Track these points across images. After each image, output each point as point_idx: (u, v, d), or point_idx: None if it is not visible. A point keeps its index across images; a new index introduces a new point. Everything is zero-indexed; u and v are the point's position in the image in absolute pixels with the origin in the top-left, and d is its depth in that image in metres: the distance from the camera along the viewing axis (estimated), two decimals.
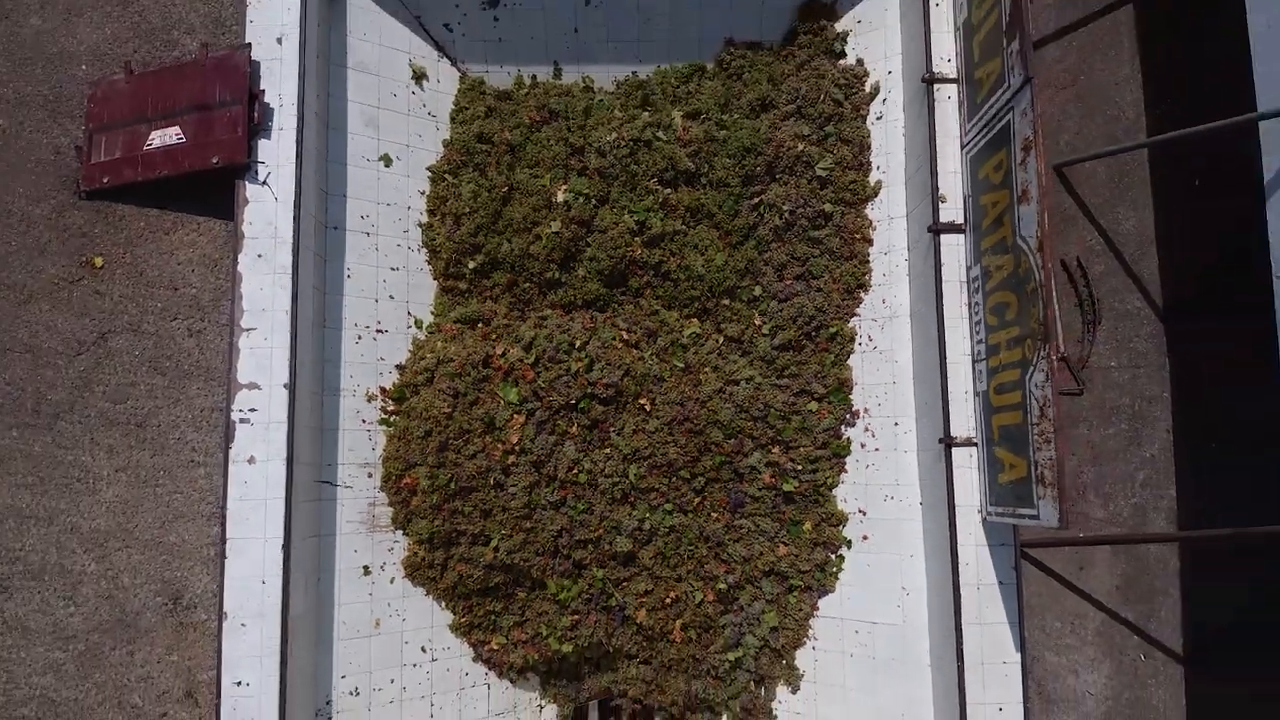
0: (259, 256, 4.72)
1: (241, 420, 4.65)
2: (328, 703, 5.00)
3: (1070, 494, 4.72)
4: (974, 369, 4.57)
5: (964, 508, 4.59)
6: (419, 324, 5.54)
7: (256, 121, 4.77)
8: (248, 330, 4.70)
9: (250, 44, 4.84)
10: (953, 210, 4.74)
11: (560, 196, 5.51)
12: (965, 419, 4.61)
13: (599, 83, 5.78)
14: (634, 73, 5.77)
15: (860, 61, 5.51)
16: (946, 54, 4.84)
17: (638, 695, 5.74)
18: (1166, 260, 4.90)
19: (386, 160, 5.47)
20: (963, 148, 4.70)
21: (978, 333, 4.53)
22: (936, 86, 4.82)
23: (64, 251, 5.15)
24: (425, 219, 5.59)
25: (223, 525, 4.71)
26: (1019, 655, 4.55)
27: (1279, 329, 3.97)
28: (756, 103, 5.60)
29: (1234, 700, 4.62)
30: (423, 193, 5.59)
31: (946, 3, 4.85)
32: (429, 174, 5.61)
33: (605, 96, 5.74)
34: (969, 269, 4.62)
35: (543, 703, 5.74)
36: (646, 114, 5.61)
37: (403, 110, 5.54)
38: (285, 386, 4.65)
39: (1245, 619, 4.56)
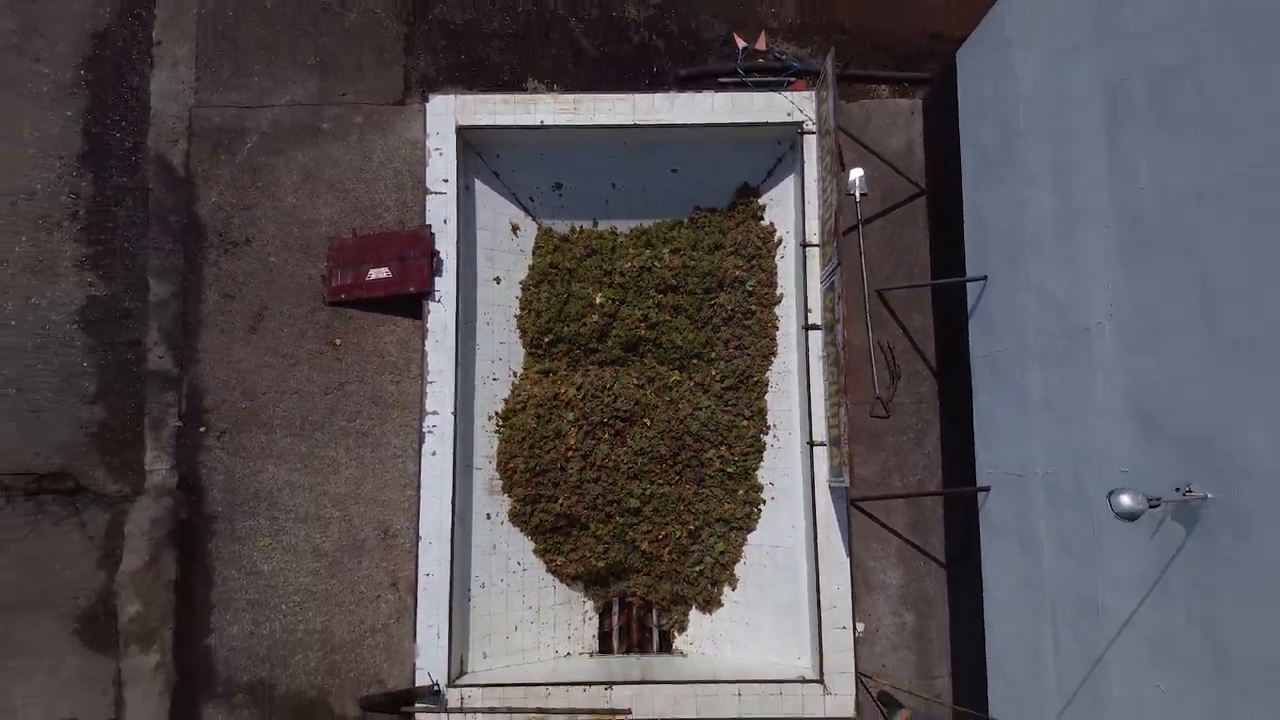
0: (437, 342, 8.53)
1: (428, 431, 8.47)
2: (468, 589, 8.81)
3: (857, 472, 8.53)
4: (824, 404, 8.41)
5: (819, 480, 8.41)
6: (515, 375, 9.37)
7: (434, 268, 8.58)
8: (431, 383, 8.51)
9: (430, 224, 8.65)
10: (815, 317, 8.58)
11: (598, 300, 9.32)
12: (820, 430, 8.44)
13: (620, 231, 9.59)
14: (640, 224, 9.58)
15: (771, 224, 9.33)
16: (814, 230, 8.67)
17: (642, 594, 9.55)
18: (938, 344, 8.74)
19: (498, 280, 9.29)
20: (820, 283, 8.54)
21: (824, 385, 8.37)
22: (807, 248, 8.67)
23: (316, 336, 8.95)
24: (519, 313, 9.41)
25: (418, 490, 8.50)
26: (848, 560, 8.38)
27: (973, 391, 7.79)
28: (712, 245, 9.41)
29: (970, 585, 8.44)
30: (517, 298, 9.41)
31: (814, 202, 8.69)
32: (521, 286, 9.44)
33: (623, 239, 9.55)
34: (822, 350, 8.47)
35: (585, 599, 9.56)
36: (648, 251, 9.41)
37: (506, 250, 9.37)
38: (452, 414, 8.47)
39: (968, 538, 8.38)
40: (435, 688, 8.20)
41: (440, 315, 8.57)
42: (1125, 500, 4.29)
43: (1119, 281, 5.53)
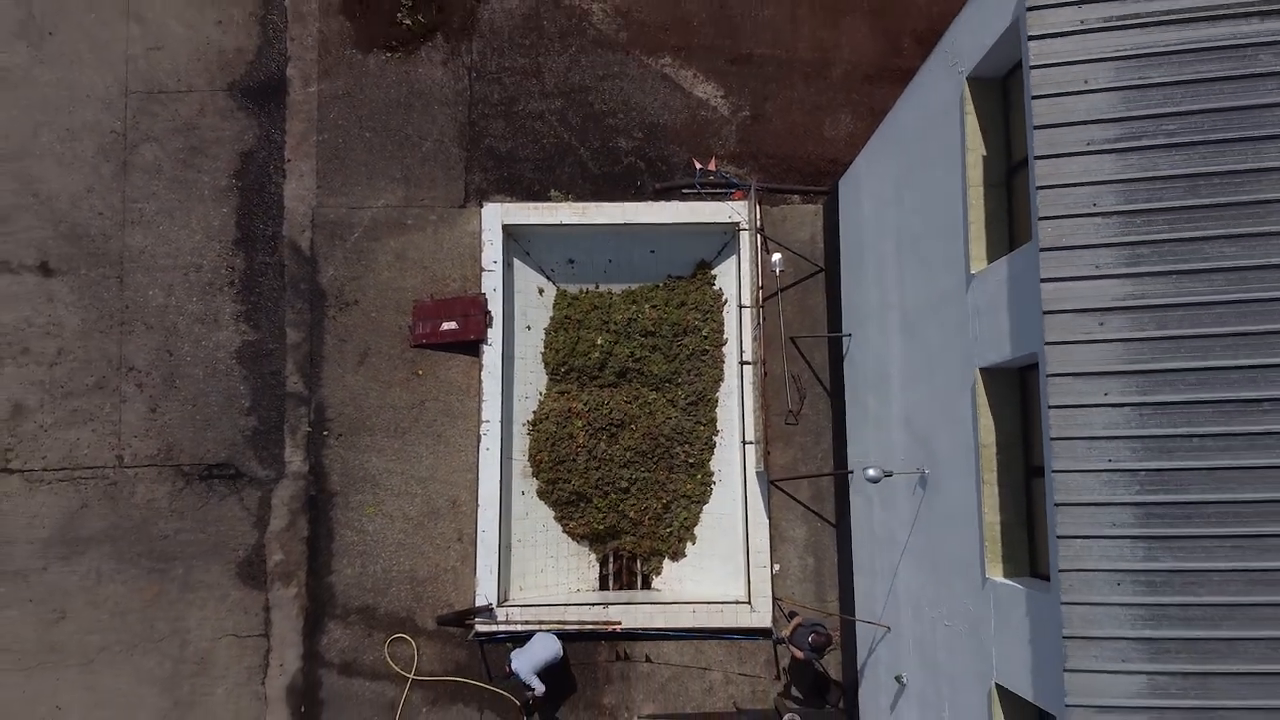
0: (489, 372, 12.48)
1: (483, 434, 12.42)
2: (510, 543, 12.76)
3: (775, 461, 12.44)
4: (753, 415, 12.34)
5: (750, 467, 12.35)
6: (541, 394, 13.32)
7: (488, 323, 12.54)
8: (485, 400, 12.47)
9: (484, 291, 12.61)
10: (747, 355, 12.51)
11: (599, 341, 13.26)
12: (750, 433, 12.38)
13: (615, 292, 13.51)
14: (629, 287, 13.51)
15: (720, 289, 13.26)
16: (747, 296, 12.60)
17: (630, 549, 13.46)
18: (830, 375, 12.67)
19: (529, 328, 13.24)
20: (750, 332, 12.47)
21: (753, 402, 12.31)
22: (743, 308, 12.61)
23: (404, 368, 12.89)
24: (543, 351, 13.36)
25: (477, 474, 12.45)
26: (767, 521, 12.33)
27: (846, 407, 11.72)
28: (679, 302, 13.32)
29: (848, 538, 12.36)
30: (542, 339, 13.38)
31: (747, 276, 12.61)
32: (544, 332, 13.39)
33: (617, 298, 13.46)
34: (751, 378, 12.41)
35: (590, 552, 13.50)
36: (634, 306, 13.32)
37: (534, 306, 13.32)
38: (499, 421, 12.42)
39: (847, 506, 12.29)
40: (489, 607, 12.17)
41: (491, 354, 12.55)
42: (871, 472, 8.25)
43: (900, 346, 9.50)
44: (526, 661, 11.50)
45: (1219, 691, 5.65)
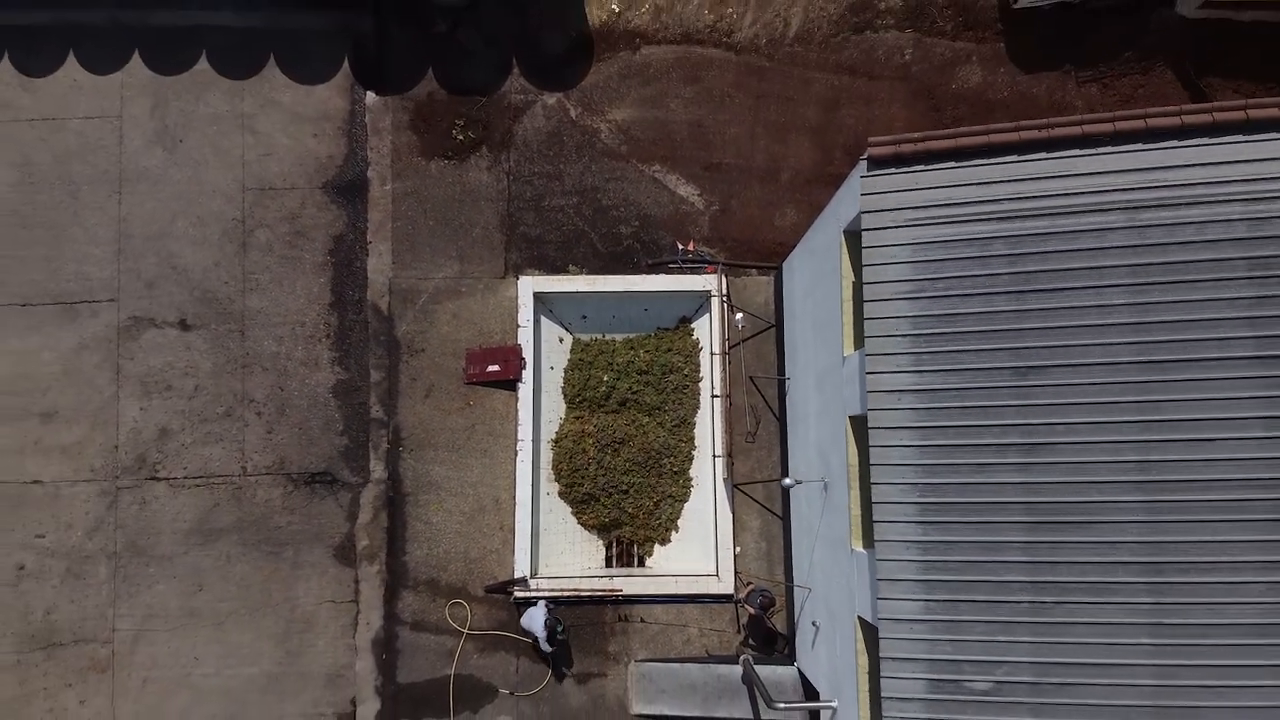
0: (523, 404, 16.66)
1: (519, 449, 16.63)
2: (538, 533, 16.96)
3: (736, 469, 16.67)
4: (721, 435, 16.55)
5: (719, 474, 16.55)
6: (561, 419, 17.53)
7: (522, 366, 16.73)
8: (520, 424, 16.67)
9: (520, 343, 16.79)
10: (718, 390, 16.72)
11: (605, 378, 17.43)
12: (719, 449, 16.58)
13: (617, 340, 17.66)
14: (628, 336, 17.68)
15: (698, 338, 17.34)
16: (717, 344, 16.81)
17: (629, 537, 17.63)
18: (779, 405, 16.86)
19: (551, 368, 17.41)
20: (719, 373, 16.67)
21: (721, 425, 16.52)
22: (714, 354, 16.81)
23: (459, 399, 17.06)
24: (563, 385, 17.54)
25: (514, 480, 16.64)
26: (731, 515, 16.52)
27: (787, 431, 15.92)
28: (666, 348, 17.43)
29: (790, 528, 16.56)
30: (562, 377, 17.57)
31: (718, 332, 16.80)
32: (564, 371, 17.59)
33: (619, 345, 17.56)
34: (720, 408, 16.62)
35: (598, 539, 17.71)
36: (632, 351, 17.44)
37: (556, 352, 17.48)
38: (531, 440, 16.63)
39: (789, 504, 16.48)
40: (525, 579, 16.41)
41: (525, 389, 16.76)
42: (786, 480, 12.44)
43: (814, 393, 13.73)
44: (529, 624, 15.72)
45: (964, 610, 9.85)
